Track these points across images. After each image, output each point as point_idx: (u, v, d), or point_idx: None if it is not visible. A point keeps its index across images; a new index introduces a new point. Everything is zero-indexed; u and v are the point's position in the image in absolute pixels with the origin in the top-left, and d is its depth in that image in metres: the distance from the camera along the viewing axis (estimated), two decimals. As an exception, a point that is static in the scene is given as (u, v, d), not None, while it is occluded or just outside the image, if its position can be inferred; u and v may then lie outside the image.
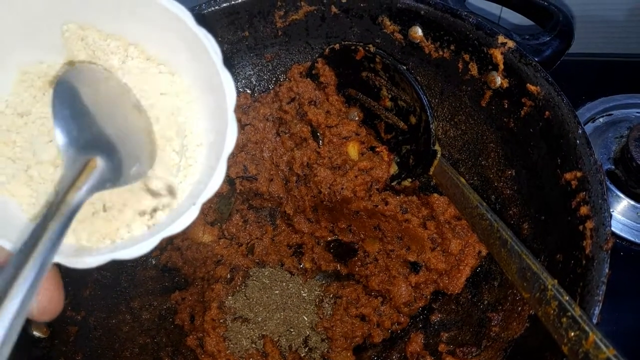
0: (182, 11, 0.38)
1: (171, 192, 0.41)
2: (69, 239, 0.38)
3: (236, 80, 0.81)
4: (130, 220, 0.39)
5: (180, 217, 0.38)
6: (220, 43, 0.76)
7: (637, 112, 0.91)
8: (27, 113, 0.40)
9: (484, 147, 0.69)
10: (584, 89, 0.94)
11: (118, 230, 0.39)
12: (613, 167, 0.85)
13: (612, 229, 0.78)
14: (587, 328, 0.45)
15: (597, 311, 0.48)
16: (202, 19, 0.73)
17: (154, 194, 0.40)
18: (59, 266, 0.37)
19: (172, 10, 0.38)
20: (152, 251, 0.76)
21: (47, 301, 0.36)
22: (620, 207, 0.82)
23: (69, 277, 0.65)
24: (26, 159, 0.39)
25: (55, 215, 0.33)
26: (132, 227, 0.39)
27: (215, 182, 0.39)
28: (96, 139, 0.37)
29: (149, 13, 0.39)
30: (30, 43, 0.40)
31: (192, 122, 0.42)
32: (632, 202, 0.81)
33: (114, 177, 0.37)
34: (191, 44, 0.39)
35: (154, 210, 0.40)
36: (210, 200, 0.76)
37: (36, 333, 0.58)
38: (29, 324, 0.58)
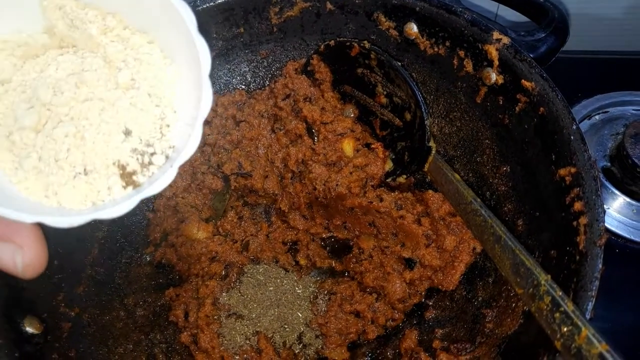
0: None
1: (150, 156, 0.42)
2: (50, 201, 0.39)
3: (231, 76, 0.81)
4: (111, 183, 0.40)
5: (158, 179, 0.39)
6: (215, 39, 0.76)
7: (633, 110, 0.91)
8: (8, 81, 0.40)
9: (479, 143, 0.69)
10: (580, 86, 0.94)
11: (99, 192, 0.40)
12: (609, 164, 0.85)
13: (608, 226, 0.80)
14: (580, 323, 0.45)
15: (590, 307, 0.48)
16: (197, 16, 0.72)
17: (134, 158, 0.41)
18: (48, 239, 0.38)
19: None
20: (145, 247, 0.76)
21: (32, 256, 0.37)
22: (616, 204, 0.82)
23: (63, 274, 0.65)
24: (8, 125, 0.39)
25: None
26: (112, 190, 0.40)
27: (191, 147, 0.40)
28: None
29: None
30: (8, 12, 0.40)
31: (169, 89, 0.43)
32: (628, 199, 0.81)
33: None
34: (166, 12, 0.40)
35: (134, 173, 0.41)
36: (205, 197, 0.76)
37: (29, 329, 0.57)
38: (21, 320, 0.57)
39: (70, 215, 0.38)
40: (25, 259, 0.37)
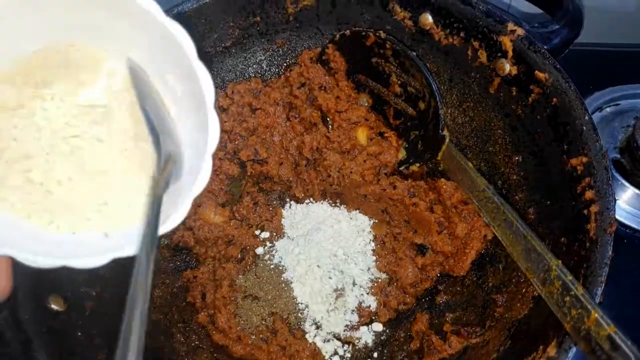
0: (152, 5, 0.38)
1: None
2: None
3: (247, 65, 0.82)
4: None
5: (170, 216, 0.42)
6: (232, 28, 0.77)
7: (645, 102, 0.92)
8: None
9: (492, 133, 0.70)
10: (591, 79, 0.94)
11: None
12: (619, 156, 0.86)
13: (618, 217, 0.80)
14: (589, 306, 0.46)
15: (599, 291, 0.49)
16: (214, 5, 0.73)
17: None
18: None
19: (144, 6, 0.38)
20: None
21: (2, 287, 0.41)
22: (626, 195, 0.83)
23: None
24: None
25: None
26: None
27: (202, 181, 0.41)
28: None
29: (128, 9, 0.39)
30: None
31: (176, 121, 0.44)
32: (637, 191, 0.82)
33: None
34: (167, 42, 0.39)
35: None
36: (221, 182, 0.78)
37: (54, 306, 0.60)
38: (47, 297, 0.60)
39: (88, 256, 0.40)
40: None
